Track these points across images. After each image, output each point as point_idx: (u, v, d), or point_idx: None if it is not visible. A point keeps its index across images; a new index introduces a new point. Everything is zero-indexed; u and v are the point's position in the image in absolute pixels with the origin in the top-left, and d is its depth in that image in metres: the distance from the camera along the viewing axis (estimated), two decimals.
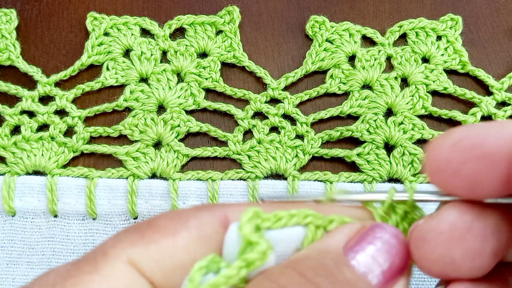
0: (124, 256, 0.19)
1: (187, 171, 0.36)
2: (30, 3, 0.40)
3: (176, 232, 0.20)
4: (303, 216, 0.21)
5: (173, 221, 0.20)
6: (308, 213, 0.21)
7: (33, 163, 0.35)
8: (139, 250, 0.19)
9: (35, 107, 0.36)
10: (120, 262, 0.19)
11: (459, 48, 0.39)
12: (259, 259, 0.19)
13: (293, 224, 0.21)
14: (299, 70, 0.38)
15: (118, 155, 0.36)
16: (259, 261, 0.19)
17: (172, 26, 0.39)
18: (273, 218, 0.21)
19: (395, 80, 0.38)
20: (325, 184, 0.35)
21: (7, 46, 0.38)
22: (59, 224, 0.35)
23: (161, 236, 0.20)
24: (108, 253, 0.19)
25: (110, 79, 0.37)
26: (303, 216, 0.21)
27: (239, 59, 0.38)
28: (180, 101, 0.37)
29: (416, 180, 0.36)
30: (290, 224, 0.21)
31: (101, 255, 0.19)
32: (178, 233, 0.20)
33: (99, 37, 0.38)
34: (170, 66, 0.38)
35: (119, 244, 0.19)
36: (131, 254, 0.19)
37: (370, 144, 0.36)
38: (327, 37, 0.39)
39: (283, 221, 0.21)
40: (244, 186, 0.35)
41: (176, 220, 0.20)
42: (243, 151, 0.36)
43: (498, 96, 0.38)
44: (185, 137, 0.37)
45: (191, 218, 0.20)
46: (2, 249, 0.34)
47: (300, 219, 0.21)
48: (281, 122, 0.37)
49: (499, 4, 0.41)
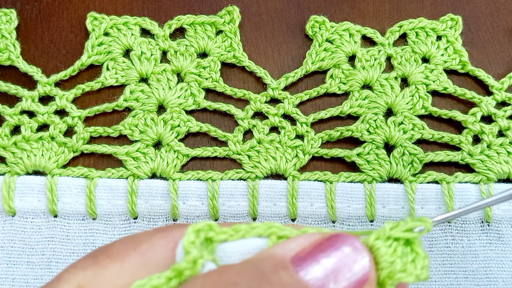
0: (73, 280, 0.20)
1: (187, 171, 0.36)
2: (30, 3, 0.40)
3: (126, 257, 0.21)
4: (265, 227, 0.20)
5: (126, 246, 0.21)
6: (273, 225, 0.20)
7: (33, 163, 0.35)
8: (88, 275, 0.20)
9: (35, 107, 0.36)
10: (69, 286, 0.20)
11: (459, 48, 0.39)
12: (189, 268, 0.18)
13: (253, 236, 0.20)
14: (299, 70, 0.38)
15: (118, 155, 0.36)
16: (189, 270, 0.18)
17: (172, 26, 0.39)
18: (231, 232, 0.20)
19: (395, 80, 0.38)
20: (325, 184, 0.35)
21: (7, 46, 0.38)
22: (59, 224, 0.35)
23: (110, 261, 0.21)
24: (61, 279, 0.20)
25: (110, 79, 0.37)
26: (265, 227, 0.20)
27: (239, 59, 0.38)
28: (180, 101, 0.37)
29: (416, 180, 0.36)
30: (250, 236, 0.20)
31: (56, 280, 0.20)
32: (127, 257, 0.21)
33: (99, 37, 0.38)
34: (170, 66, 0.38)
35: (72, 269, 0.21)
36: (81, 278, 0.20)
37: (370, 144, 0.36)
38: (327, 37, 0.39)
39: (240, 233, 0.20)
40: (244, 186, 0.35)
41: (129, 244, 0.21)
42: (243, 151, 0.36)
43: (498, 96, 0.38)
44: (185, 137, 0.37)
45: (143, 242, 0.21)
46: (2, 249, 0.34)
47: (262, 230, 0.20)
48: (281, 122, 0.37)
49: (499, 4, 0.41)
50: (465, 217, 0.35)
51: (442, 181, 0.36)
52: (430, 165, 0.37)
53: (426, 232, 0.21)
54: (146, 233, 0.22)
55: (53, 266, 0.34)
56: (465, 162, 0.36)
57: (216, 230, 0.20)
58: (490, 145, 0.36)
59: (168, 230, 0.22)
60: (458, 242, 0.35)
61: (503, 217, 0.35)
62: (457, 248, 0.35)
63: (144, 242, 0.21)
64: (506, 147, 0.36)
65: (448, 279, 0.34)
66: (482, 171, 0.36)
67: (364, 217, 0.35)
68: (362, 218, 0.35)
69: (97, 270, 0.20)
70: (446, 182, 0.35)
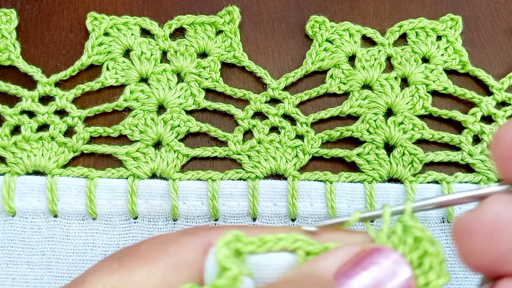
0: (99, 284, 0.19)
1: (187, 171, 0.36)
2: (30, 3, 0.40)
3: (154, 260, 0.20)
4: (291, 240, 0.19)
5: (153, 248, 0.20)
6: (298, 237, 0.20)
7: (33, 163, 0.35)
8: (114, 278, 0.19)
9: (35, 107, 0.36)
10: None
11: (459, 48, 0.39)
12: (229, 285, 0.18)
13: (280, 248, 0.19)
14: (299, 70, 0.38)
15: (118, 155, 0.36)
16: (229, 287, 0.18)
17: (172, 26, 0.39)
18: (258, 242, 0.19)
19: (395, 80, 0.38)
20: (325, 184, 0.35)
21: (7, 46, 0.38)
22: (59, 224, 0.35)
23: (137, 264, 0.20)
24: (85, 281, 0.19)
25: (110, 79, 0.37)
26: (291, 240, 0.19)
27: (239, 59, 0.38)
28: (180, 101, 0.37)
29: (416, 180, 0.36)
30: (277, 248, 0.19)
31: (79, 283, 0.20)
32: (155, 260, 0.20)
33: (99, 37, 0.38)
34: (170, 66, 0.38)
35: (97, 272, 0.20)
36: (107, 282, 0.19)
37: (370, 144, 0.36)
38: (327, 37, 0.39)
39: (268, 245, 0.19)
40: (244, 186, 0.35)
41: (156, 246, 0.20)
42: (243, 151, 0.36)
43: (498, 96, 0.38)
44: (185, 137, 0.37)
45: (172, 245, 0.20)
46: (2, 249, 0.34)
47: (288, 243, 0.19)
48: (281, 122, 0.37)
49: (499, 4, 0.41)
50: None
51: (442, 181, 0.36)
52: (430, 165, 0.37)
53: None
54: (173, 235, 0.21)
55: (53, 266, 0.34)
56: (465, 162, 0.36)
57: (244, 240, 0.19)
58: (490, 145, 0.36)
59: (196, 232, 0.21)
60: None
61: None
62: None
63: (172, 245, 0.20)
64: None
65: None
66: (482, 171, 0.36)
67: None
68: None
69: (124, 274, 0.19)
70: (446, 182, 0.35)
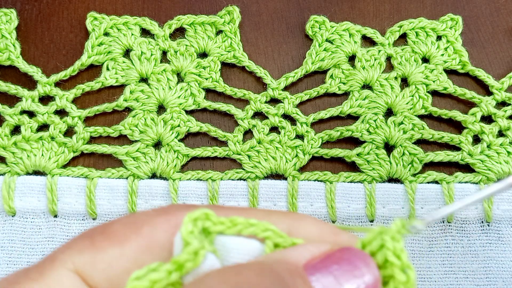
0: (70, 263, 0.19)
1: (187, 171, 0.36)
2: (30, 3, 0.40)
3: (126, 240, 0.19)
4: (262, 228, 0.19)
5: (126, 228, 0.20)
6: (269, 227, 0.19)
7: (33, 163, 0.35)
8: (85, 258, 0.19)
9: (35, 107, 0.36)
10: (64, 270, 0.19)
11: (459, 48, 0.39)
12: (190, 260, 0.17)
13: (249, 234, 0.19)
14: (299, 70, 0.38)
15: (118, 155, 0.36)
16: (191, 263, 0.17)
17: (172, 26, 0.39)
18: (228, 223, 0.19)
19: (395, 80, 0.38)
20: (325, 184, 0.35)
21: (7, 46, 0.38)
22: (59, 224, 0.35)
23: (109, 244, 0.19)
24: (56, 260, 0.19)
25: (110, 79, 0.37)
26: (262, 228, 0.19)
27: (239, 59, 0.38)
28: (180, 101, 0.37)
29: (416, 180, 0.36)
30: (246, 233, 0.19)
31: (49, 261, 0.19)
32: (127, 241, 0.19)
33: (99, 37, 0.38)
34: (170, 66, 0.38)
35: (67, 250, 0.19)
36: (78, 261, 0.19)
37: (370, 144, 0.36)
38: (327, 37, 0.39)
39: (238, 228, 0.19)
40: (244, 186, 0.35)
41: (129, 226, 0.20)
42: (243, 151, 0.36)
43: (498, 96, 0.38)
44: (185, 137, 0.37)
45: (145, 225, 0.20)
46: (2, 249, 0.34)
47: (258, 230, 0.19)
48: (281, 122, 0.37)
49: (499, 4, 0.41)
50: (465, 217, 0.35)
51: (442, 181, 0.36)
52: (430, 165, 0.37)
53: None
54: (146, 214, 0.20)
55: None
56: (465, 162, 0.36)
57: (213, 220, 0.19)
58: (490, 145, 0.36)
59: (170, 212, 0.20)
60: (458, 242, 0.35)
61: (503, 217, 0.35)
62: (457, 248, 0.35)
63: (146, 225, 0.20)
64: (506, 147, 0.36)
65: (448, 279, 0.34)
66: (482, 171, 0.36)
67: (364, 217, 0.35)
68: (362, 218, 0.35)
69: (96, 254, 0.19)
70: (446, 182, 0.35)
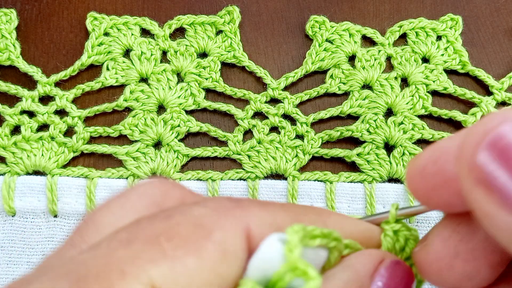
0: (144, 277, 0.15)
1: (187, 171, 0.36)
2: (30, 3, 0.40)
3: (202, 248, 0.16)
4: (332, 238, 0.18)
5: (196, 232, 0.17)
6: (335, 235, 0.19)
7: (33, 163, 0.35)
8: (163, 270, 0.15)
9: (35, 107, 0.36)
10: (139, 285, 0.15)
11: (459, 48, 0.39)
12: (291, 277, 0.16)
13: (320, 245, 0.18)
14: (299, 70, 0.38)
15: (118, 155, 0.36)
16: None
17: (172, 26, 0.39)
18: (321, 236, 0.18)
19: (395, 80, 0.38)
20: (325, 184, 0.35)
21: (7, 46, 0.38)
22: (59, 224, 0.35)
23: (185, 253, 0.16)
24: (126, 273, 0.15)
25: (110, 79, 0.37)
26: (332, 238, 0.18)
27: (239, 59, 0.38)
28: (180, 101, 0.37)
29: None
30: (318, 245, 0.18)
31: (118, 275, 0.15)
32: (203, 249, 0.16)
33: (99, 37, 0.38)
34: (170, 66, 0.38)
35: (137, 261, 0.16)
36: (154, 274, 0.15)
37: (370, 144, 0.36)
38: (327, 37, 0.39)
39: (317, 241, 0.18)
40: (244, 186, 0.35)
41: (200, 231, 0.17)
42: (243, 151, 0.36)
43: (498, 96, 0.38)
44: (185, 137, 0.37)
45: (215, 230, 0.17)
46: (2, 249, 0.34)
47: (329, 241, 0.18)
48: (281, 122, 0.37)
49: (499, 4, 0.41)
50: None
51: None
52: None
53: None
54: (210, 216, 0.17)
55: None
56: None
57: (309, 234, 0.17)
58: None
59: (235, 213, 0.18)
60: None
61: None
62: None
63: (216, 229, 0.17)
64: None
65: None
66: None
67: None
68: None
69: (174, 266, 0.16)
70: None
